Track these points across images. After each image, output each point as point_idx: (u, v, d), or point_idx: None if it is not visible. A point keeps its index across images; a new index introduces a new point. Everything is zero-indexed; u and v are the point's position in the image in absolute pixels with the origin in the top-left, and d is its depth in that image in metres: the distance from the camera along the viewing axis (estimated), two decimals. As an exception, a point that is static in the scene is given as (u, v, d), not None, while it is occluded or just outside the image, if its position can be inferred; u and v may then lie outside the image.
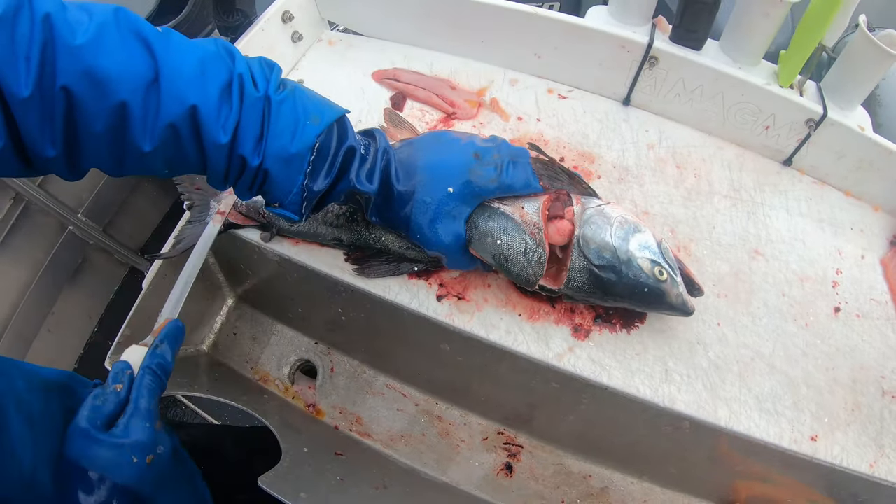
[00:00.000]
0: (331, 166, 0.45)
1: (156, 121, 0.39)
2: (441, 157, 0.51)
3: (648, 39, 0.67)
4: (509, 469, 0.72)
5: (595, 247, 0.54)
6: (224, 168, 0.43)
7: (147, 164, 0.42)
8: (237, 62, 0.42)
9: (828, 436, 0.62)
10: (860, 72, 0.69)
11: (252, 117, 0.41)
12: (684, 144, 0.71)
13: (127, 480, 0.40)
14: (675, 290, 0.55)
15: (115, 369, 0.45)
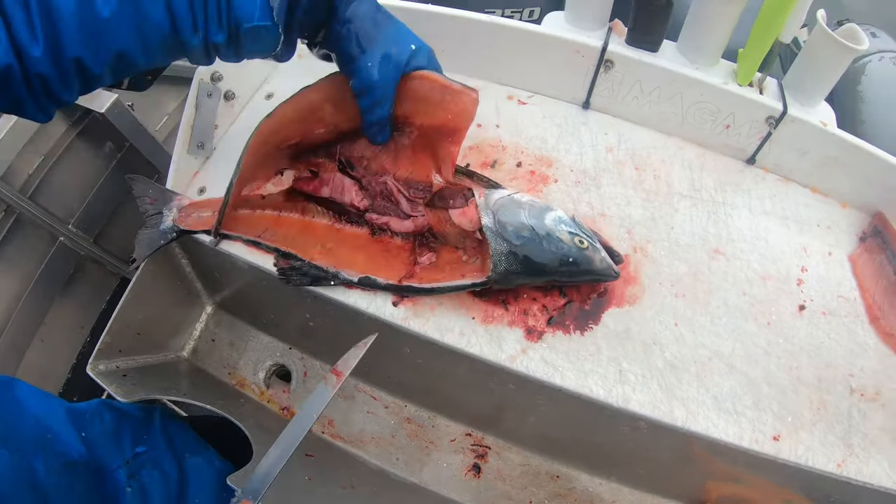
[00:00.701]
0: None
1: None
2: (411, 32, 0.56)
3: (603, 43, 0.68)
4: (477, 470, 0.73)
5: (512, 228, 0.56)
6: (187, 10, 0.43)
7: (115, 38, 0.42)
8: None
9: (791, 435, 0.61)
10: (821, 67, 0.69)
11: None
12: (644, 146, 0.72)
13: None
14: (598, 255, 0.57)
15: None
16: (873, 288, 0.71)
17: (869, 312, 0.69)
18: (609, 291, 0.63)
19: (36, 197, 0.90)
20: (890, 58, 1.04)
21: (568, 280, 0.59)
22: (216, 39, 0.46)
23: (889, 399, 0.65)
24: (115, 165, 1.03)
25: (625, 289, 0.63)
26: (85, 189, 0.98)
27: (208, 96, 0.73)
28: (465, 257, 0.60)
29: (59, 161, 0.94)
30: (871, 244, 0.73)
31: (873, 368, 0.66)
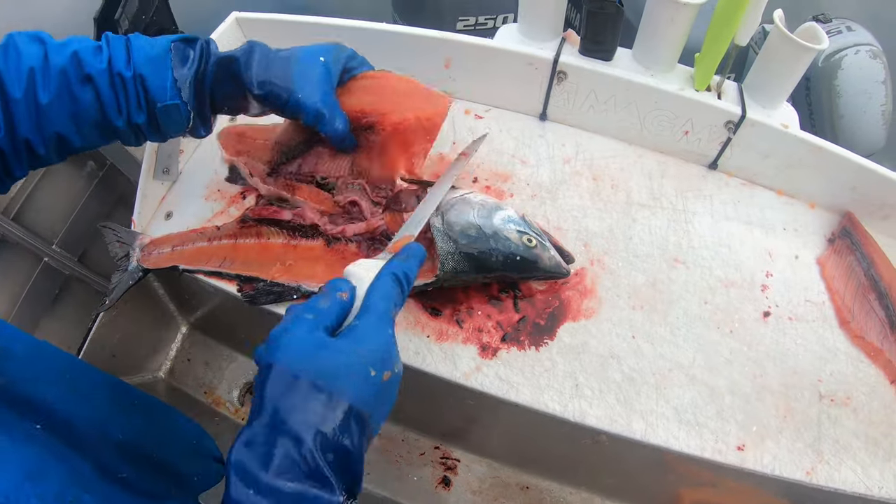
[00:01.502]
0: (192, 56, 0.52)
1: (49, 72, 0.47)
2: (310, 47, 0.57)
3: (555, 55, 0.67)
4: (447, 483, 0.73)
5: (460, 228, 0.57)
6: (111, 92, 0.50)
7: (53, 120, 0.48)
8: (109, 34, 0.52)
9: (756, 445, 0.61)
10: (780, 69, 0.68)
11: (119, 48, 0.50)
12: (602, 156, 0.71)
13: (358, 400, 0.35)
14: (547, 253, 0.58)
15: (332, 283, 0.41)
16: (843, 290, 0.70)
17: (838, 315, 0.68)
18: (565, 306, 0.63)
19: (19, 218, 0.92)
20: (866, 51, 1.02)
21: (518, 277, 0.60)
22: (137, 120, 0.52)
23: (861, 403, 0.64)
24: (97, 184, 1.05)
25: (581, 302, 0.63)
26: (67, 209, 1.00)
27: (171, 122, 0.74)
28: None
29: (41, 182, 0.95)
30: (839, 245, 0.72)
31: (843, 373, 0.65)
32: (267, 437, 0.34)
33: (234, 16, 0.78)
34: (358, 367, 0.36)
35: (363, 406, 0.36)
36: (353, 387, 0.35)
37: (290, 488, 0.32)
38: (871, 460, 0.61)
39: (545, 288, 0.63)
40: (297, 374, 0.35)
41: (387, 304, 0.40)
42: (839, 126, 1.07)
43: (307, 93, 0.54)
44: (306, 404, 0.34)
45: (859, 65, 1.04)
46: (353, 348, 0.37)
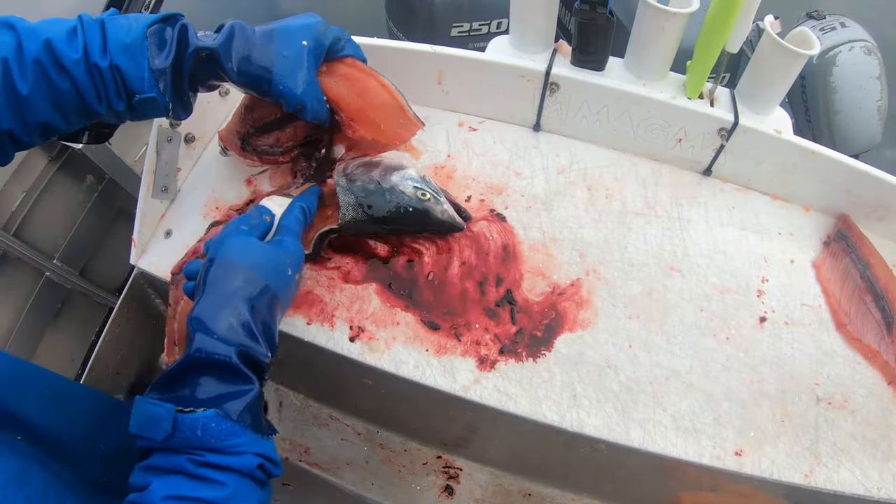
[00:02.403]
0: (169, 44, 0.50)
1: (24, 62, 0.46)
2: (295, 21, 0.57)
3: (547, 67, 0.68)
4: (450, 491, 0.74)
5: (360, 183, 0.62)
6: (89, 82, 0.49)
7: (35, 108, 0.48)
8: (83, 16, 0.50)
9: (755, 450, 0.61)
10: (772, 74, 0.68)
11: (94, 35, 0.49)
12: (596, 165, 0.72)
13: (279, 291, 0.48)
14: (440, 207, 0.62)
15: (258, 208, 0.56)
16: (839, 293, 0.70)
17: (835, 318, 0.69)
18: (561, 317, 0.63)
19: (20, 234, 0.93)
20: (860, 47, 1.02)
21: (415, 229, 0.65)
22: (118, 108, 0.52)
23: (858, 405, 0.64)
24: (97, 198, 1.06)
25: (577, 313, 0.64)
26: (68, 223, 1.01)
27: (168, 141, 0.75)
28: (330, 211, 0.65)
29: (41, 197, 0.97)
30: (835, 248, 0.72)
31: (840, 375, 0.66)
32: (215, 308, 0.45)
33: (228, 33, 0.78)
34: (280, 265, 0.50)
35: (280, 292, 0.49)
36: (276, 278, 0.48)
37: (237, 340, 0.44)
38: (869, 462, 0.61)
39: (542, 299, 0.64)
40: (237, 263, 0.47)
41: (298, 227, 0.55)
42: (835, 123, 1.06)
43: (289, 83, 0.54)
44: (244, 285, 0.46)
45: (854, 61, 1.04)
46: (278, 251, 0.51)
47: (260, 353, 0.45)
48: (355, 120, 0.60)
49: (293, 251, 0.52)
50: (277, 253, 0.50)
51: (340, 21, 0.59)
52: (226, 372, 0.43)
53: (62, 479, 0.45)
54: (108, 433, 0.55)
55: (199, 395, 0.42)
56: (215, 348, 0.43)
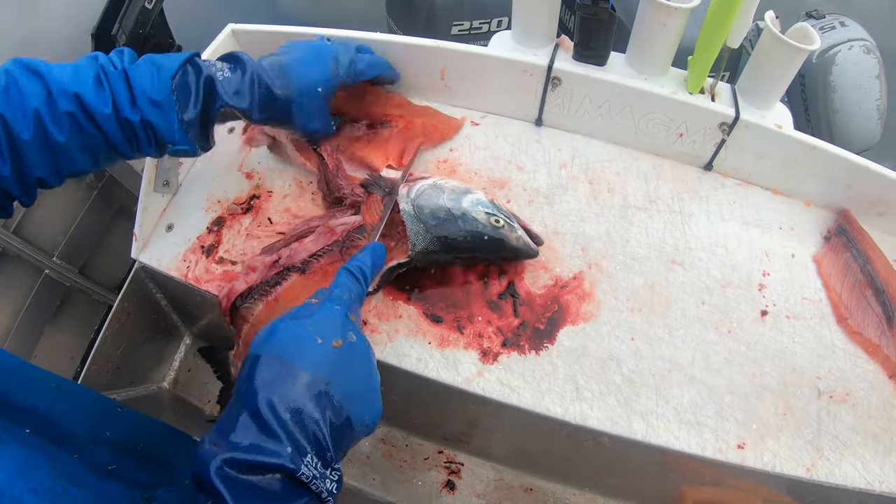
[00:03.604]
0: (196, 96, 0.53)
1: (57, 113, 0.48)
2: (310, 66, 0.60)
3: (549, 61, 0.68)
4: (451, 486, 0.74)
5: (429, 211, 0.59)
6: (121, 134, 0.51)
7: (70, 156, 0.50)
8: (100, 59, 0.52)
9: (757, 443, 0.61)
10: (773, 70, 0.68)
11: (120, 88, 0.50)
12: (598, 160, 0.72)
13: (306, 363, 0.40)
14: (515, 234, 0.60)
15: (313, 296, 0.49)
16: (839, 287, 0.70)
17: (836, 313, 0.69)
18: (564, 310, 0.63)
19: (19, 231, 0.93)
20: (859, 46, 1.02)
21: (488, 257, 0.63)
22: (148, 153, 0.55)
23: (860, 399, 0.64)
24: (97, 196, 1.06)
25: (580, 306, 0.64)
26: (68, 221, 1.01)
27: (170, 135, 0.75)
28: (393, 243, 0.63)
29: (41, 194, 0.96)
30: (835, 243, 0.72)
31: (842, 369, 0.66)
32: (232, 411, 0.39)
33: (230, 28, 0.79)
34: (306, 338, 0.42)
35: (315, 370, 0.40)
36: (304, 354, 0.40)
37: (247, 441, 0.37)
38: (871, 455, 0.61)
39: (544, 292, 0.64)
40: (258, 353, 0.41)
41: (339, 291, 0.47)
42: (834, 121, 1.07)
43: (307, 124, 0.62)
44: (262, 375, 0.39)
45: (853, 60, 1.04)
46: (301, 323, 0.43)
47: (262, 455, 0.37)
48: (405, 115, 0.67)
49: (321, 316, 0.44)
50: (299, 325, 0.43)
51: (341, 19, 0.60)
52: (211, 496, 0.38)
53: (69, 471, 0.44)
54: (114, 422, 0.55)
55: None
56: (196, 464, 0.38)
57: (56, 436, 0.46)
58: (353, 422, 0.41)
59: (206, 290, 0.68)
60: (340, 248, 0.62)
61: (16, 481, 0.39)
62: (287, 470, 0.36)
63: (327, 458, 0.39)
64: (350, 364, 0.42)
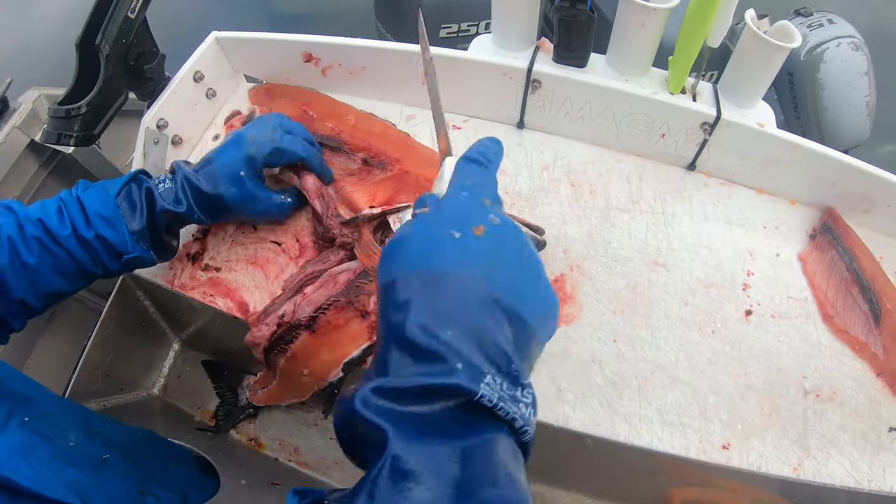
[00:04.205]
0: (140, 208, 0.58)
1: (26, 237, 0.53)
2: (224, 154, 0.62)
3: (529, 64, 0.68)
4: (439, 490, 0.74)
5: None
6: (83, 252, 0.56)
7: (43, 276, 0.54)
8: (62, 194, 0.58)
9: (742, 443, 0.61)
10: (754, 69, 0.68)
11: (75, 211, 0.56)
12: (580, 162, 0.72)
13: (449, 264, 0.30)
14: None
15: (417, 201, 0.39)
16: (825, 286, 0.70)
17: (821, 311, 0.69)
18: (545, 312, 0.63)
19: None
20: (847, 43, 1.02)
21: None
22: (112, 268, 0.58)
23: (847, 397, 0.64)
24: (90, 204, 1.06)
25: (562, 308, 0.64)
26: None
27: (155, 143, 0.75)
28: None
29: (33, 201, 0.97)
30: (821, 241, 0.72)
31: (829, 368, 0.66)
32: (377, 355, 0.31)
33: (214, 35, 0.79)
34: (439, 236, 0.32)
35: (463, 269, 0.31)
36: (444, 255, 0.31)
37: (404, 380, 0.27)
38: (859, 454, 0.61)
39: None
40: (389, 278, 0.32)
41: (460, 177, 0.37)
42: (823, 119, 1.07)
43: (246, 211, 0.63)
44: (403, 298, 0.30)
45: (842, 57, 1.04)
46: (428, 224, 0.33)
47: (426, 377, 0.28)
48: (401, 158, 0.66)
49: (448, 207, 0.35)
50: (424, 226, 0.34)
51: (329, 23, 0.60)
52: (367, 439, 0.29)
53: (66, 454, 0.48)
54: (104, 423, 0.59)
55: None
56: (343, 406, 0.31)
57: (53, 425, 0.50)
58: (528, 320, 0.31)
59: (191, 298, 0.68)
60: (346, 296, 0.60)
61: (14, 458, 0.43)
62: (463, 390, 0.27)
63: (512, 373, 0.29)
64: (502, 251, 0.33)
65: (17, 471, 0.42)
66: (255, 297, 0.67)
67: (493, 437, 0.27)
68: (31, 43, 1.09)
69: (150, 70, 0.76)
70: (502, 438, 0.28)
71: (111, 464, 0.53)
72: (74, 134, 0.71)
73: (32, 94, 0.93)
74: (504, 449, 0.27)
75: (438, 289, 0.30)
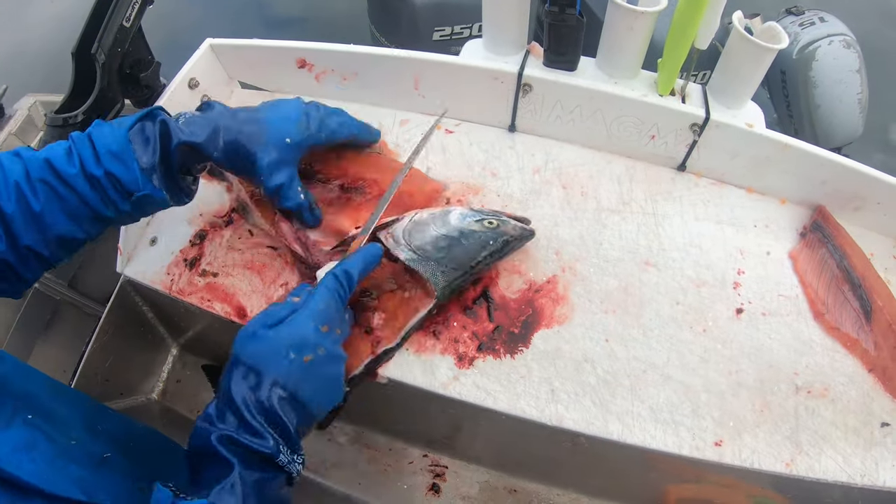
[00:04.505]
0: (154, 143, 0.54)
1: (32, 182, 0.51)
2: (281, 116, 0.60)
3: (519, 68, 0.69)
4: (436, 490, 0.75)
5: (430, 246, 0.59)
6: (92, 192, 0.53)
7: (51, 220, 0.52)
8: (73, 135, 0.55)
9: (734, 439, 0.62)
10: (742, 70, 0.69)
11: (84, 149, 0.53)
12: (571, 164, 0.73)
13: (279, 376, 0.46)
14: (509, 225, 0.62)
15: (297, 289, 0.55)
16: (816, 283, 0.71)
17: (812, 308, 0.70)
18: (538, 313, 0.64)
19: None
20: (839, 41, 1.03)
21: (501, 257, 0.63)
22: (124, 208, 0.55)
23: (839, 393, 0.65)
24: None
25: (554, 309, 0.64)
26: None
27: (152, 150, 0.76)
28: (407, 293, 0.62)
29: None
30: (811, 239, 0.73)
31: (820, 364, 0.66)
32: (220, 404, 0.47)
33: (208, 42, 0.80)
34: (278, 350, 0.48)
35: (286, 381, 0.47)
36: (275, 366, 0.47)
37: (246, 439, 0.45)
38: (851, 449, 0.62)
39: (518, 297, 0.65)
40: (237, 358, 0.48)
41: (317, 300, 0.51)
42: (816, 117, 1.07)
43: (272, 179, 0.60)
44: (242, 382, 0.47)
45: (833, 55, 1.05)
46: (275, 336, 0.49)
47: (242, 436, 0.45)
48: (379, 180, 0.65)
49: (294, 331, 0.49)
50: (274, 338, 0.48)
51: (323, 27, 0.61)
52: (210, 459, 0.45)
53: (68, 452, 0.49)
54: (106, 417, 0.58)
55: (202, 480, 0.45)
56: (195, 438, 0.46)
57: (56, 422, 0.50)
58: (314, 412, 0.50)
59: (189, 303, 0.69)
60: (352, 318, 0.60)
61: (17, 454, 0.43)
62: (270, 457, 0.45)
63: (295, 447, 0.48)
64: (316, 374, 0.49)
65: (20, 466, 0.42)
66: (253, 301, 0.68)
67: (277, 476, 0.46)
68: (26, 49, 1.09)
69: (146, 78, 0.77)
70: (281, 477, 0.47)
71: (112, 462, 0.53)
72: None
73: (28, 100, 0.94)
74: (280, 483, 0.47)
75: (264, 388, 0.46)
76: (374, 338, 0.60)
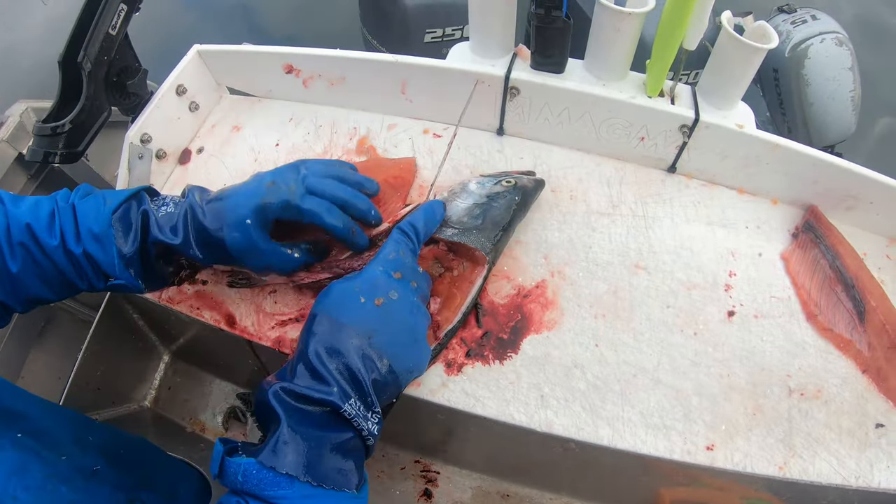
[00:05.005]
0: (135, 231, 0.53)
1: (12, 244, 0.51)
2: (238, 195, 0.54)
3: (506, 72, 0.68)
4: (428, 495, 0.75)
5: (466, 216, 0.62)
6: (69, 266, 0.52)
7: (26, 284, 0.52)
8: (59, 196, 0.54)
9: (726, 443, 0.62)
10: (731, 70, 0.68)
11: (67, 221, 0.52)
12: (560, 167, 0.72)
13: (350, 320, 0.46)
14: (524, 179, 0.66)
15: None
16: (808, 284, 0.70)
17: (805, 309, 0.69)
18: (527, 319, 0.64)
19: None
20: (831, 38, 1.02)
21: (525, 212, 0.67)
22: (98, 286, 0.54)
23: (832, 395, 0.64)
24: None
25: (543, 314, 0.64)
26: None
27: (140, 158, 0.76)
28: (456, 272, 0.62)
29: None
30: (803, 240, 0.72)
31: (813, 366, 0.66)
32: (292, 360, 0.46)
33: (196, 49, 0.80)
34: (351, 298, 0.47)
35: (358, 324, 0.46)
36: (346, 310, 0.47)
37: (300, 387, 0.43)
38: (846, 451, 0.61)
39: (507, 302, 0.65)
40: (314, 311, 0.48)
41: (386, 251, 0.52)
42: (809, 115, 1.07)
43: (247, 262, 0.55)
44: (314, 330, 0.46)
45: (826, 53, 1.04)
46: (349, 285, 0.49)
47: (299, 385, 0.42)
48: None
49: (363, 277, 0.49)
50: (345, 286, 0.49)
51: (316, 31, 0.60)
52: (270, 416, 0.43)
53: (58, 471, 0.48)
54: (95, 430, 0.58)
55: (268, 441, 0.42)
56: (258, 393, 0.44)
57: (45, 439, 0.50)
58: (395, 369, 0.47)
59: (179, 311, 0.69)
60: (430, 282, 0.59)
61: (11, 480, 0.43)
62: (333, 405, 0.42)
63: (368, 402, 0.45)
64: (390, 319, 0.48)
65: (15, 497, 0.42)
66: (241, 309, 0.68)
67: (343, 434, 0.43)
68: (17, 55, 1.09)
69: (133, 85, 0.76)
70: (352, 439, 0.44)
71: (101, 475, 0.53)
72: (59, 152, 0.71)
73: (19, 107, 0.94)
74: (348, 445, 0.43)
75: (336, 334, 0.45)
76: (434, 323, 0.60)
